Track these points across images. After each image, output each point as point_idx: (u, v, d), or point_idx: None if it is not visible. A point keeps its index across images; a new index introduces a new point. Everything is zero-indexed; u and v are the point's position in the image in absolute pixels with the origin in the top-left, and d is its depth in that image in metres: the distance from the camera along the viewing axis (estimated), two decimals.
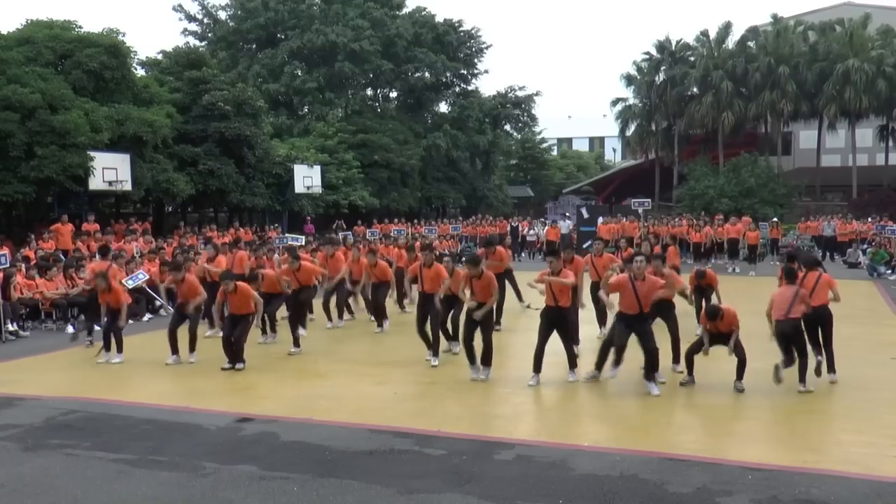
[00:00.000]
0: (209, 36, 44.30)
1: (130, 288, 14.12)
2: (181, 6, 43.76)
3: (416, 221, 33.64)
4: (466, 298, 10.13)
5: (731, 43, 46.13)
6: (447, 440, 7.33)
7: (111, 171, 22.02)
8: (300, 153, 32.87)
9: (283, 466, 6.63)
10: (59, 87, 21.42)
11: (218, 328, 12.44)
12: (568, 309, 9.71)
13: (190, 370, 10.81)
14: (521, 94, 48.89)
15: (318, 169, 31.98)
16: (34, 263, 15.76)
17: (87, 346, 12.36)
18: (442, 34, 45.26)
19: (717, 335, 9.39)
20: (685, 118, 46.05)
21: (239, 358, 10.66)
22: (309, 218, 32.83)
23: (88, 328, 12.78)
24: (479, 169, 49.08)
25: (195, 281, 11.61)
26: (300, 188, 30.94)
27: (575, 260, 10.98)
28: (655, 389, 8.99)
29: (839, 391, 9.35)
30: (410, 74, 45.12)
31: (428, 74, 45.59)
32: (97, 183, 21.89)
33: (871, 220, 30.87)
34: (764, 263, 25.02)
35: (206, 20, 44.61)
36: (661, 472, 6.42)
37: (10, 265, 14.09)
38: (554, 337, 9.53)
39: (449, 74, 46.54)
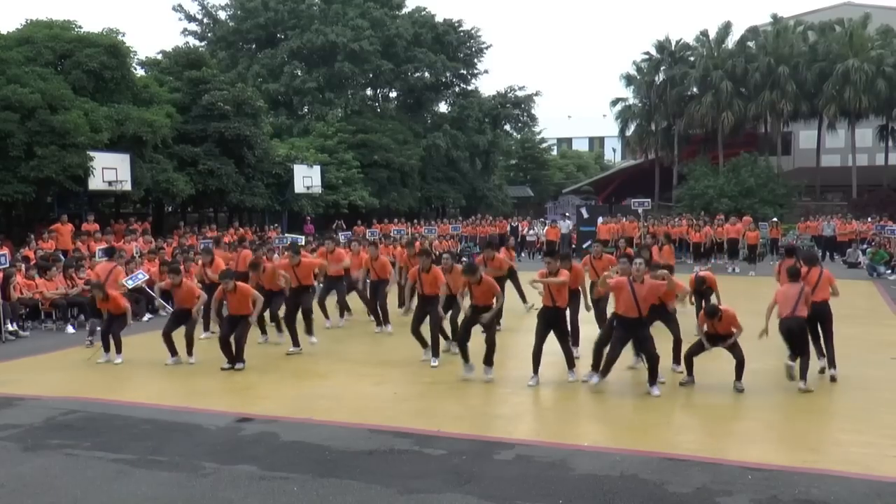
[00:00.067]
0: (209, 36, 44.28)
1: (130, 288, 14.13)
2: (181, 6, 43.80)
3: (415, 221, 33.61)
4: (464, 306, 10.12)
5: (730, 43, 46.18)
6: (447, 440, 7.34)
7: (111, 171, 22.00)
8: (300, 153, 32.87)
9: (283, 466, 6.63)
10: (58, 87, 21.42)
11: (211, 332, 12.44)
12: (564, 309, 9.71)
13: (189, 370, 10.81)
14: (520, 94, 48.88)
15: (317, 169, 31.98)
16: (34, 263, 15.75)
17: (86, 345, 12.36)
18: (442, 34, 45.25)
19: (715, 337, 9.38)
20: (685, 118, 46.06)
21: (239, 358, 10.66)
22: (309, 218, 32.82)
23: (91, 328, 12.79)
24: (478, 169, 49.07)
25: (193, 286, 11.54)
26: (300, 188, 30.93)
27: (574, 268, 10.81)
28: (656, 390, 8.99)
29: (839, 391, 9.36)
30: (410, 74, 45.11)
31: (428, 74, 45.58)
32: (97, 183, 21.88)
33: (870, 220, 30.88)
34: (764, 263, 25.01)
35: (205, 20, 44.60)
36: (661, 472, 6.42)
37: (9, 265, 14.09)
38: (553, 337, 9.54)
39: (449, 74, 46.52)
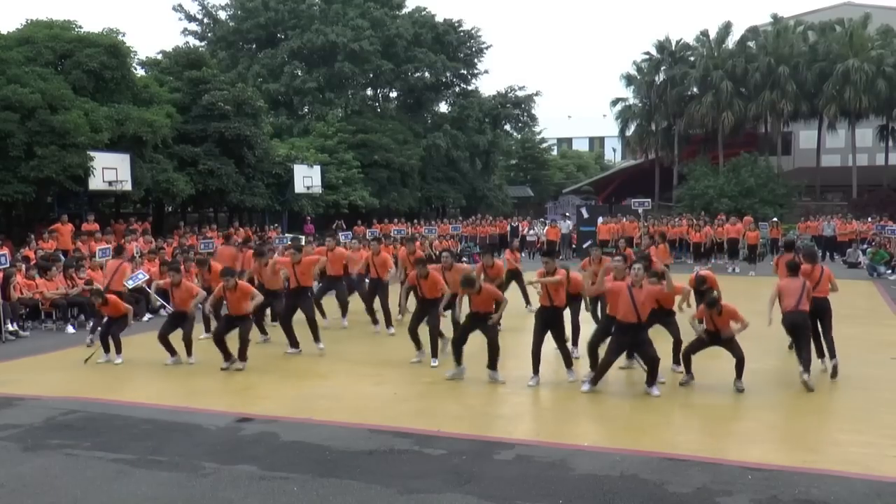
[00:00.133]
0: (209, 36, 44.28)
1: (130, 288, 14.11)
2: (181, 6, 43.79)
3: (416, 221, 33.63)
4: (459, 317, 10.12)
5: (731, 43, 46.20)
6: (447, 440, 7.33)
7: (111, 171, 21.99)
8: (300, 153, 32.87)
9: (283, 466, 6.63)
10: (58, 87, 21.41)
11: (212, 332, 12.43)
12: (562, 309, 9.73)
13: (189, 370, 10.81)
14: (520, 94, 48.86)
15: (317, 169, 31.97)
16: (34, 263, 15.75)
17: (87, 344, 12.36)
18: (442, 34, 45.25)
19: (714, 335, 9.37)
20: (685, 118, 46.06)
21: (242, 357, 10.65)
22: (309, 218, 32.82)
23: (94, 327, 12.79)
24: (478, 169, 49.07)
25: (191, 286, 11.51)
26: (300, 188, 30.92)
27: (574, 280, 10.74)
28: (656, 390, 9.00)
29: (839, 391, 9.37)
30: (410, 74, 45.10)
31: (428, 74, 45.57)
32: (97, 183, 21.87)
33: (870, 220, 30.88)
34: (764, 263, 24.98)
35: (206, 20, 44.60)
36: (661, 472, 6.42)
37: (10, 265, 14.09)
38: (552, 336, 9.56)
39: (449, 74, 46.51)
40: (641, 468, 6.50)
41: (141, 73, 28.77)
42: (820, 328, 10.02)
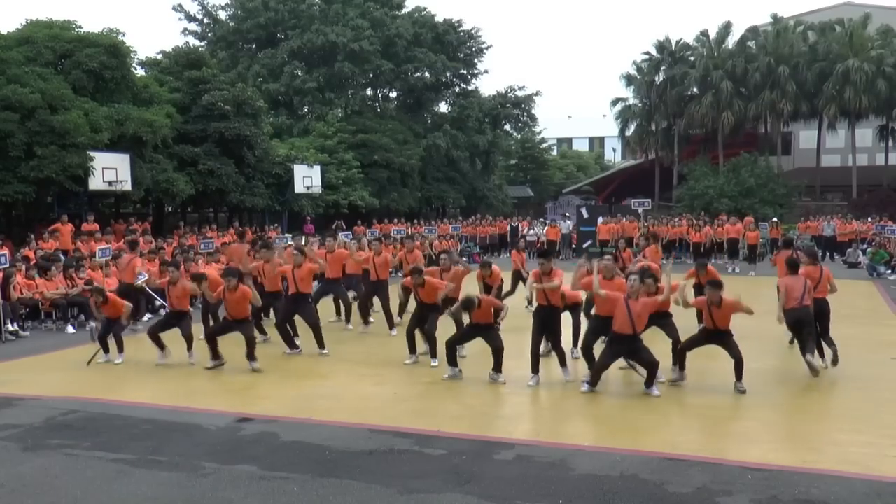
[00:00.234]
0: (209, 36, 44.25)
1: (136, 286, 14.13)
2: (181, 6, 43.76)
3: (415, 221, 33.62)
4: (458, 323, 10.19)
5: (730, 43, 46.18)
6: (447, 440, 7.34)
7: (111, 171, 21.98)
8: (300, 153, 32.86)
9: (283, 466, 6.64)
10: (58, 87, 21.40)
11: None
12: (559, 309, 9.78)
13: (189, 370, 10.80)
14: (520, 94, 48.82)
15: (317, 169, 31.97)
16: (34, 263, 15.75)
17: (91, 340, 12.35)
18: (442, 34, 45.23)
19: (712, 333, 9.37)
20: (685, 118, 46.06)
21: (251, 357, 10.62)
22: (309, 218, 32.82)
23: (95, 325, 12.78)
24: (478, 169, 49.05)
25: (188, 286, 11.49)
26: (300, 188, 30.92)
27: (569, 295, 10.79)
28: (655, 390, 9.01)
29: (839, 391, 9.38)
30: (410, 74, 45.08)
31: (428, 74, 45.54)
32: (97, 183, 21.86)
33: (870, 220, 30.87)
34: (764, 263, 24.99)
35: (206, 20, 44.57)
36: (661, 472, 6.43)
37: (9, 265, 14.09)
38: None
39: (449, 74, 46.48)
40: (641, 468, 6.50)
41: (141, 73, 28.76)
42: (818, 329, 10.12)
